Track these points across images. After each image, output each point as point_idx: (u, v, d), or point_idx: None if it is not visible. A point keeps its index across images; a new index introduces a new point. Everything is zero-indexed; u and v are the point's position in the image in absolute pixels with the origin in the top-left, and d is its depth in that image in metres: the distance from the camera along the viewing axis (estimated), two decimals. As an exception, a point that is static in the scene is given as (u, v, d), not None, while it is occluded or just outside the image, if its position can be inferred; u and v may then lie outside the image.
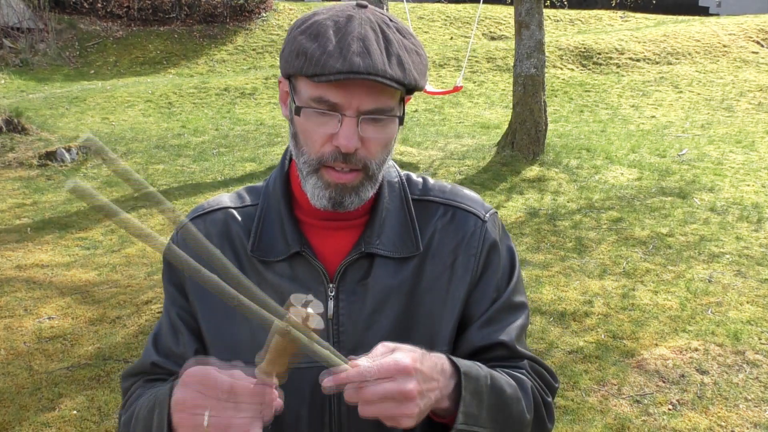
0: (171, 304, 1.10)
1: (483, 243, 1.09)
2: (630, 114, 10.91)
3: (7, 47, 13.23)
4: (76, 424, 3.08)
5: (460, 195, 1.13)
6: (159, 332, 1.12)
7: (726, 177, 7.21)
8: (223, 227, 1.09)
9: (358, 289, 1.03)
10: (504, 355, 1.07)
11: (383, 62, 0.92)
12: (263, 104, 10.90)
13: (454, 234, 1.08)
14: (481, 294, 1.08)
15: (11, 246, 5.15)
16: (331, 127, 0.95)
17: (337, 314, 1.03)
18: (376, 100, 0.95)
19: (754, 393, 3.42)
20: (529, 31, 7.53)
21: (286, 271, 1.04)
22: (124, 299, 4.28)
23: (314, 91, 0.94)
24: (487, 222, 1.10)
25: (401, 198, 1.09)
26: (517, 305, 1.11)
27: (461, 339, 1.07)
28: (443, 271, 1.07)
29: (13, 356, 3.63)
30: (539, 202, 6.39)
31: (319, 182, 0.99)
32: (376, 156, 0.99)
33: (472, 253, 1.08)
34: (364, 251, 1.04)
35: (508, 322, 1.08)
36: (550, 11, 16.99)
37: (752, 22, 14.91)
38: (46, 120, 9.08)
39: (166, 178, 7.01)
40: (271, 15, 16.09)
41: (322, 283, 1.03)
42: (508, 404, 0.99)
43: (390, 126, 0.98)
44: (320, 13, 0.98)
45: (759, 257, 5.12)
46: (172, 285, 1.10)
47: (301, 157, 1.00)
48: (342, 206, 1.00)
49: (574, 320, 4.14)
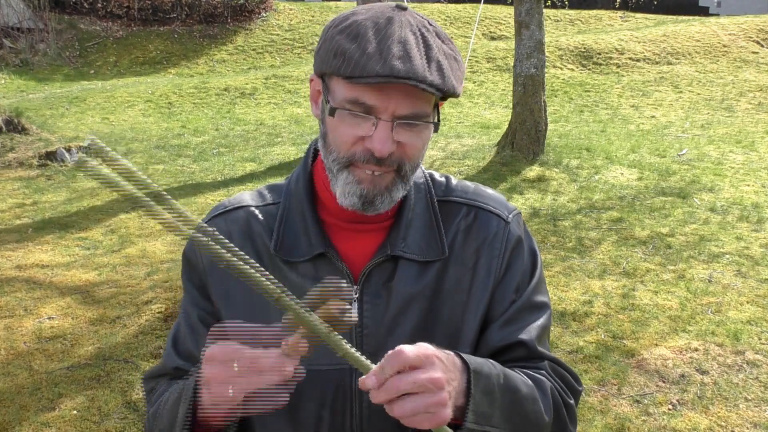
0: (192, 306, 1.07)
1: (506, 244, 1.07)
2: (630, 114, 10.91)
3: (7, 47, 13.23)
4: (76, 424, 3.08)
5: (483, 195, 1.11)
6: (177, 335, 1.10)
7: (726, 177, 7.21)
8: (245, 226, 1.06)
9: (382, 292, 1.02)
10: (524, 356, 1.05)
11: (423, 67, 0.90)
12: (263, 104, 10.90)
13: (477, 235, 1.07)
14: (502, 294, 1.06)
15: (11, 246, 5.15)
16: (365, 130, 0.93)
17: (360, 316, 1.01)
18: (412, 105, 0.93)
19: (754, 393, 3.42)
20: (529, 31, 7.53)
21: (309, 271, 1.02)
22: (124, 299, 4.28)
23: (350, 93, 0.92)
24: (510, 223, 1.09)
25: (427, 199, 1.08)
26: (539, 305, 1.09)
27: (480, 340, 1.06)
28: (465, 272, 1.05)
29: (13, 356, 3.63)
30: (539, 202, 6.39)
31: (351, 177, 0.96)
32: (410, 158, 0.97)
33: (495, 255, 1.06)
34: (389, 254, 1.02)
35: (529, 321, 1.06)
36: (550, 11, 16.99)
37: (752, 22, 14.91)
38: (46, 120, 9.08)
39: (166, 178, 7.00)
40: (271, 15, 16.09)
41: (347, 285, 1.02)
42: (522, 404, 0.97)
43: (425, 131, 0.97)
44: (359, 13, 0.95)
45: (759, 257, 5.12)
46: (192, 285, 1.08)
47: (329, 156, 0.98)
48: (373, 206, 0.98)
49: (575, 320, 4.14)
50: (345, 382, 1.01)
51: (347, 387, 1.01)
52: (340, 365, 0.98)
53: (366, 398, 1.00)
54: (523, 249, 1.10)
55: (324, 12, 16.69)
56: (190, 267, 1.08)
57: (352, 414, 1.01)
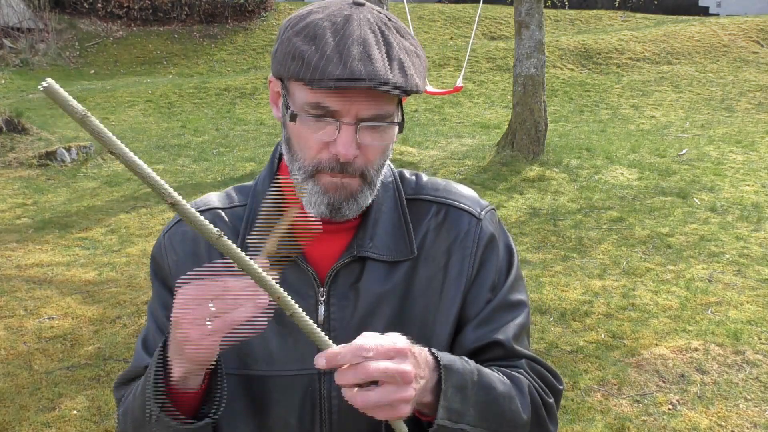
0: (160, 306, 1.06)
1: (478, 242, 1.04)
2: (630, 114, 10.91)
3: (7, 47, 13.23)
4: (76, 424, 3.08)
5: (454, 192, 1.08)
6: (147, 337, 1.08)
7: (726, 177, 7.21)
8: None
9: (349, 293, 1.00)
10: (500, 355, 1.03)
11: (385, 68, 0.88)
12: (263, 104, 10.90)
13: (447, 234, 1.04)
14: (476, 294, 1.04)
15: (11, 246, 5.15)
16: (328, 134, 0.91)
17: (328, 319, 0.99)
18: (375, 107, 0.91)
19: (754, 393, 3.42)
20: (529, 31, 7.53)
21: None
22: (124, 299, 4.28)
23: (311, 97, 0.90)
24: (482, 220, 1.06)
25: (395, 199, 1.05)
26: (515, 304, 1.06)
27: (455, 341, 1.03)
28: (436, 272, 1.03)
29: (13, 356, 3.63)
30: (539, 202, 6.39)
31: (317, 187, 0.94)
32: (374, 163, 0.95)
33: (467, 254, 1.04)
34: (356, 255, 1.00)
35: (505, 321, 1.04)
36: (550, 11, 16.99)
37: (752, 22, 14.92)
38: (46, 120, 9.08)
39: (166, 178, 7.01)
40: (271, 15, 16.09)
41: (313, 288, 0.99)
42: (498, 402, 0.94)
43: (389, 132, 0.95)
44: (315, 12, 0.92)
45: (759, 257, 5.12)
46: (161, 285, 1.06)
47: (295, 163, 0.95)
48: (340, 213, 0.95)
49: (575, 320, 4.14)
50: (314, 388, 0.99)
51: (316, 393, 0.99)
52: (308, 371, 0.97)
53: (335, 404, 0.99)
54: (498, 246, 1.07)
55: (324, 12, 16.68)
56: (157, 267, 1.06)
57: (321, 420, 0.99)
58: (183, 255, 1.03)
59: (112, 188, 6.61)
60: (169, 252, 1.04)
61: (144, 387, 0.92)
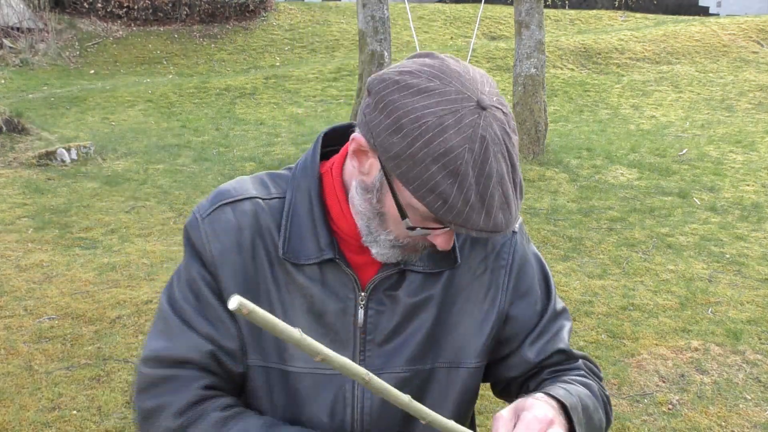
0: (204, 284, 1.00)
1: (513, 255, 1.08)
2: (630, 114, 10.91)
3: (7, 47, 13.23)
4: (76, 424, 3.08)
5: None
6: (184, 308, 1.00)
7: (726, 177, 7.21)
8: (254, 220, 1.01)
9: (387, 299, 1.01)
10: (561, 360, 1.09)
11: (517, 208, 0.88)
12: (263, 104, 10.90)
13: (484, 245, 1.06)
14: (524, 309, 1.08)
15: (11, 246, 5.15)
16: (431, 229, 0.91)
17: (365, 323, 1.01)
18: None
19: (754, 393, 3.42)
20: (529, 31, 7.53)
21: (316, 275, 1.00)
22: (124, 299, 4.28)
23: (433, 215, 0.87)
24: (516, 233, 1.09)
25: None
26: (561, 311, 1.13)
27: (515, 357, 1.08)
28: (472, 281, 1.05)
29: (13, 356, 3.63)
30: (539, 201, 6.39)
31: (397, 252, 0.96)
32: None
33: (502, 266, 1.06)
34: (402, 268, 1.01)
35: (558, 328, 1.10)
36: (550, 11, 16.99)
37: (752, 22, 14.92)
38: (46, 120, 9.08)
39: (166, 177, 7.01)
40: (271, 15, 16.09)
41: (353, 291, 1.00)
42: (593, 419, 1.00)
43: None
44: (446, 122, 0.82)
45: (759, 257, 5.12)
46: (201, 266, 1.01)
47: (382, 234, 0.95)
48: (408, 264, 1.00)
49: (574, 320, 4.14)
50: (346, 387, 1.01)
51: (348, 393, 1.01)
52: None
53: (367, 405, 1.01)
54: (531, 259, 1.11)
55: (324, 12, 16.70)
56: (196, 251, 1.01)
57: (353, 420, 1.01)
58: (229, 245, 1.00)
59: (112, 188, 6.61)
60: (212, 240, 1.00)
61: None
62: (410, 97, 0.84)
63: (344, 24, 15.98)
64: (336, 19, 16.36)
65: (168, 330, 1.01)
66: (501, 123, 0.86)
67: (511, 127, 0.88)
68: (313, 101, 11.15)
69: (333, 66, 12.74)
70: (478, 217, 0.84)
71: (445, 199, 0.83)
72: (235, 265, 0.99)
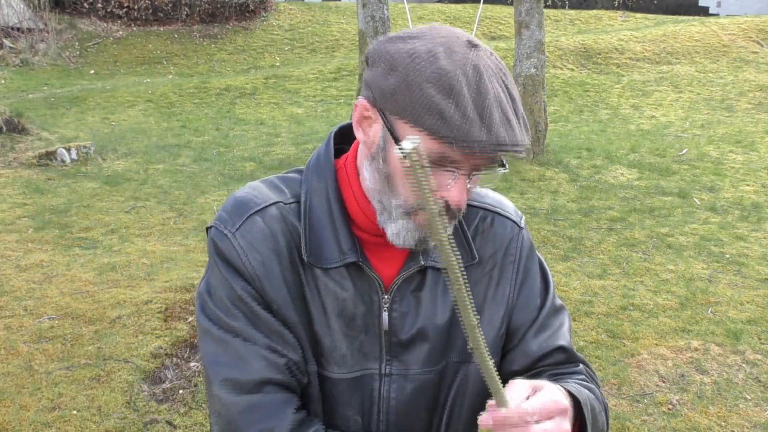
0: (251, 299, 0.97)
1: (521, 250, 1.09)
2: (630, 114, 10.91)
3: (7, 47, 13.23)
4: (76, 424, 3.08)
5: (496, 200, 1.12)
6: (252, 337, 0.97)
7: (726, 177, 7.21)
8: (284, 225, 0.99)
9: (411, 301, 1.02)
10: (562, 359, 1.09)
11: (520, 132, 0.87)
12: (263, 104, 10.90)
13: (493, 240, 1.08)
14: (526, 301, 1.09)
15: (11, 246, 5.15)
16: (442, 180, 0.89)
17: (391, 324, 1.01)
18: (491, 160, 0.90)
19: (754, 393, 3.42)
20: (529, 31, 7.53)
21: (343, 278, 0.99)
22: (124, 299, 4.28)
23: (436, 148, 0.85)
24: (523, 229, 1.12)
25: None
26: (559, 308, 1.14)
27: (517, 350, 1.08)
28: (482, 277, 1.06)
29: (13, 356, 3.63)
30: (539, 201, 6.39)
31: (411, 224, 0.92)
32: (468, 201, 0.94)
33: (511, 260, 1.08)
34: (423, 265, 1.01)
35: (558, 324, 1.11)
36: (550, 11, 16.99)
37: (752, 22, 14.92)
38: (46, 120, 9.08)
39: (166, 177, 7.01)
40: (271, 15, 16.09)
41: (377, 293, 1.00)
42: (598, 419, 1.00)
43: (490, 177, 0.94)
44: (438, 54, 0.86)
45: (759, 257, 5.12)
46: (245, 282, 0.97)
47: (393, 199, 0.92)
48: (425, 245, 0.95)
49: (574, 320, 4.14)
50: (373, 387, 1.02)
51: (375, 392, 1.02)
52: (370, 370, 1.01)
53: (393, 405, 1.02)
54: (535, 254, 1.13)
55: (324, 12, 16.70)
56: (234, 267, 0.98)
57: (378, 420, 1.02)
58: (267, 254, 0.97)
59: (112, 188, 6.61)
60: (249, 253, 0.97)
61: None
62: (402, 42, 0.88)
63: (344, 24, 15.98)
64: (336, 19, 16.36)
65: (233, 352, 0.96)
66: (494, 60, 0.89)
67: (504, 68, 0.91)
68: (313, 101, 11.15)
69: (333, 66, 12.74)
70: (479, 131, 0.83)
71: (443, 115, 0.83)
72: (278, 274, 0.98)
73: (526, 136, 0.89)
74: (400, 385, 1.02)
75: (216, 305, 0.98)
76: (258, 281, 0.97)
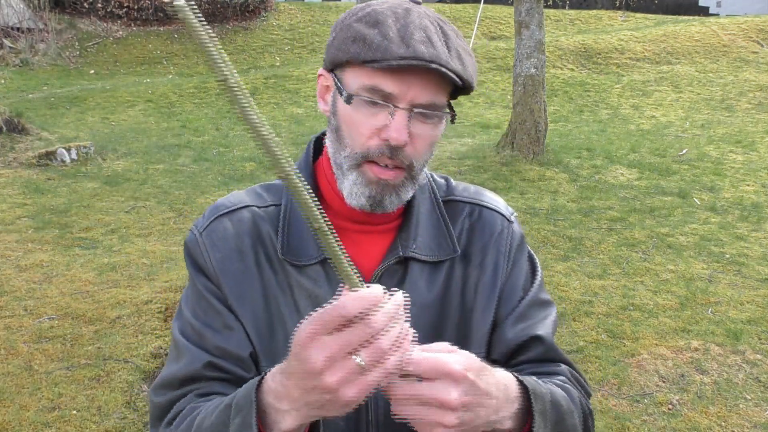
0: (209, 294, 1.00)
1: (511, 242, 1.07)
2: (630, 114, 10.91)
3: (7, 47, 13.23)
4: (76, 424, 3.08)
5: (485, 195, 1.12)
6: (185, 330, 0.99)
7: (726, 177, 7.21)
8: (252, 227, 1.01)
9: None
10: (541, 353, 1.04)
11: (446, 54, 0.89)
12: (263, 104, 10.90)
13: (482, 233, 1.07)
14: (510, 291, 1.06)
15: (11, 246, 5.15)
16: (381, 120, 0.91)
17: None
18: (431, 95, 0.91)
19: (754, 393, 3.42)
20: (529, 31, 7.52)
21: (319, 274, 0.99)
22: (124, 299, 4.28)
23: (368, 80, 0.90)
24: (512, 222, 1.10)
25: (432, 200, 1.07)
26: (545, 302, 1.09)
27: (494, 339, 1.04)
28: (472, 270, 1.05)
29: (13, 356, 3.63)
30: (539, 202, 6.39)
31: (360, 178, 0.93)
32: (421, 155, 0.95)
33: (502, 252, 1.06)
34: (402, 255, 1.00)
35: (541, 317, 1.06)
36: (550, 11, 16.99)
37: (752, 22, 14.91)
38: (46, 120, 9.08)
39: (166, 177, 7.01)
40: (271, 15, 16.09)
41: None
42: (565, 419, 0.94)
43: (439, 125, 0.95)
44: (376, 4, 0.94)
45: (759, 257, 5.12)
46: (206, 279, 1.01)
47: (342, 152, 0.94)
48: (381, 206, 0.95)
49: (574, 320, 4.14)
50: None
51: None
52: None
53: (381, 405, 0.99)
54: (525, 248, 1.10)
55: (324, 12, 16.69)
56: (198, 265, 1.02)
57: (367, 421, 1.00)
58: (228, 252, 1.00)
59: (112, 188, 6.61)
60: (211, 250, 1.00)
61: None
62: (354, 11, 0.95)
63: (344, 24, 15.97)
64: (336, 19, 16.33)
65: (176, 354, 0.99)
66: (432, 12, 0.95)
67: (444, 19, 0.95)
68: (313, 101, 11.15)
69: (333, 66, 12.73)
70: (397, 48, 0.87)
71: (365, 39, 0.88)
72: (237, 272, 0.99)
73: (458, 63, 0.90)
74: None
75: (185, 308, 1.02)
76: (216, 277, 0.99)
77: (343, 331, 0.70)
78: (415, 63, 0.86)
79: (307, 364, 0.71)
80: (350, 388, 0.71)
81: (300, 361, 0.71)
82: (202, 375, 0.96)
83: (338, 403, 0.72)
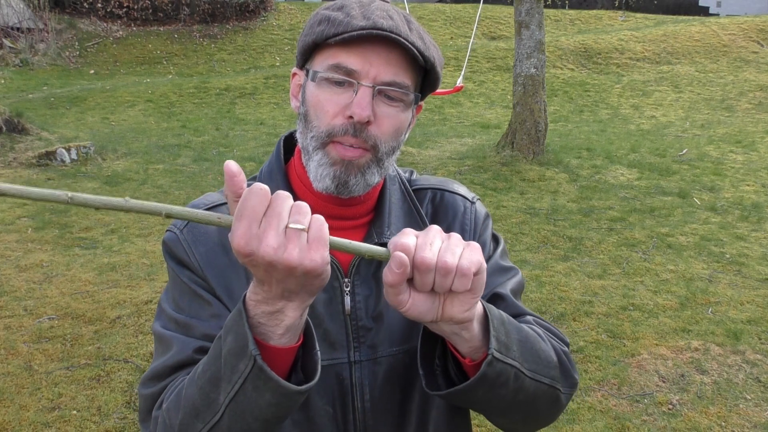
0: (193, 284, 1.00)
1: (475, 221, 1.11)
2: (630, 114, 10.91)
3: (7, 47, 13.23)
4: (76, 424, 3.08)
5: (447, 182, 1.15)
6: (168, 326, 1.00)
7: (726, 177, 7.21)
8: None
9: (371, 282, 1.02)
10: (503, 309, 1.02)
11: (406, 29, 0.93)
12: (263, 104, 10.90)
13: (446, 214, 1.10)
14: None
15: (11, 246, 5.15)
16: (346, 98, 0.93)
17: (354, 309, 1.01)
18: (394, 73, 0.93)
19: (754, 393, 3.42)
20: (529, 31, 7.52)
21: None
22: (124, 299, 4.28)
23: (332, 59, 0.93)
24: (475, 203, 1.13)
25: (402, 189, 1.10)
26: (507, 268, 1.11)
27: None
28: None
29: (13, 356, 3.63)
30: (539, 202, 6.39)
31: (325, 158, 0.95)
32: (386, 137, 0.96)
33: (466, 230, 1.09)
34: (377, 242, 1.02)
35: (503, 281, 1.08)
36: (550, 11, 16.99)
37: (752, 22, 14.91)
38: (46, 120, 9.08)
39: (166, 177, 7.01)
40: (271, 15, 16.09)
41: (337, 279, 1.00)
42: (531, 340, 0.95)
43: (406, 111, 0.97)
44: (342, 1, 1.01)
45: (759, 257, 5.12)
46: (191, 273, 1.01)
47: (309, 134, 0.96)
48: (347, 187, 0.96)
49: (574, 320, 4.14)
50: (344, 376, 1.01)
51: (346, 381, 1.01)
52: (338, 360, 1.00)
53: (367, 391, 1.01)
54: (489, 225, 1.13)
55: (324, 12, 16.70)
56: (181, 262, 1.02)
57: (354, 408, 1.02)
58: (212, 246, 1.01)
59: (112, 188, 6.61)
60: (194, 245, 1.01)
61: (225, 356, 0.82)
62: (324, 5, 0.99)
63: (344, 24, 15.99)
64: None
65: (163, 348, 0.99)
66: (398, 8, 0.98)
67: (408, 15, 0.99)
68: (313, 101, 11.16)
69: (333, 66, 12.74)
70: (357, 21, 0.92)
71: (329, 19, 0.94)
72: (223, 266, 1.00)
73: (419, 41, 0.94)
74: (372, 370, 1.01)
75: (166, 304, 1.02)
76: (201, 271, 1.00)
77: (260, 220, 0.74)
78: (374, 32, 0.90)
79: (260, 258, 0.73)
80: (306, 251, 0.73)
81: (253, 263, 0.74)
82: (193, 359, 0.95)
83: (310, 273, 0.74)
